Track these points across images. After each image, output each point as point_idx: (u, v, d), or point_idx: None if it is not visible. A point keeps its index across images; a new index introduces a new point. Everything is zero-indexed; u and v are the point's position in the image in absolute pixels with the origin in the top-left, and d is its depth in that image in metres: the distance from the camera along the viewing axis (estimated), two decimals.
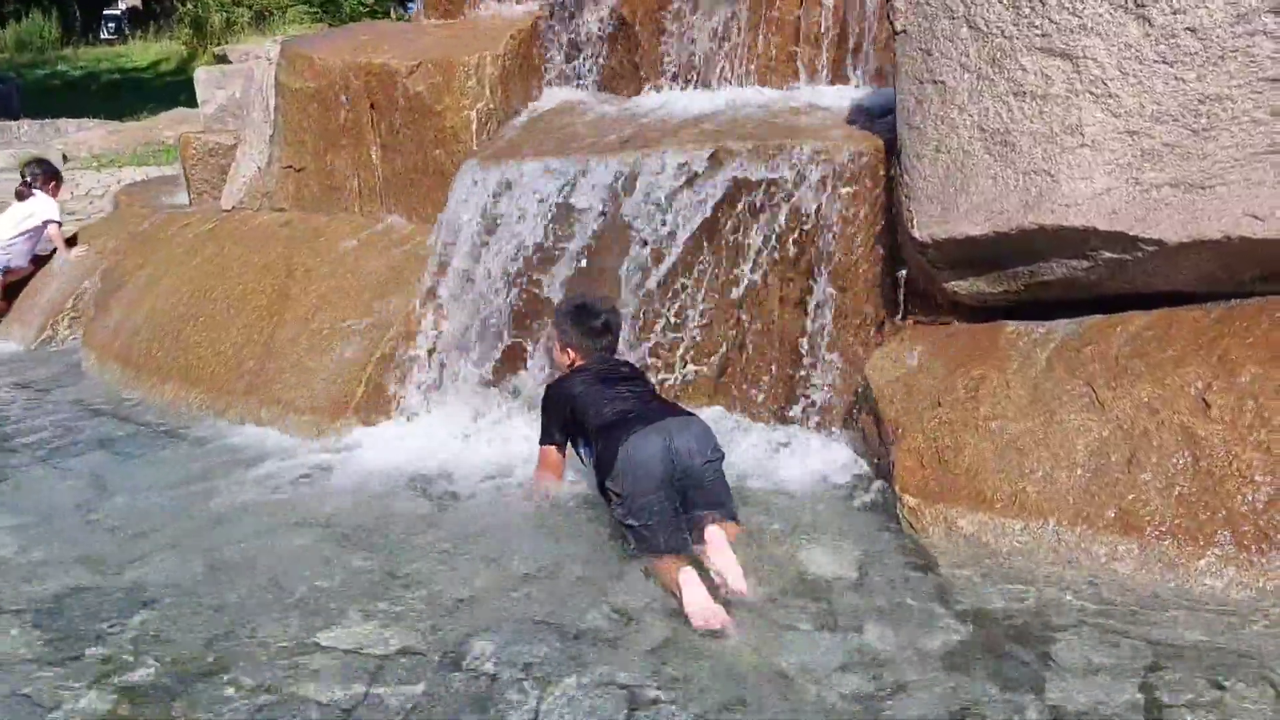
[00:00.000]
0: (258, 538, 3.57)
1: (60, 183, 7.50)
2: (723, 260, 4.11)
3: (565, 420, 3.61)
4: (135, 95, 17.86)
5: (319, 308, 4.79)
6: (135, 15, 28.14)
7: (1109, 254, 3.33)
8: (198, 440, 4.51)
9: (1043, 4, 3.25)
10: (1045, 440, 3.27)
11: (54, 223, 7.10)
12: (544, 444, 3.71)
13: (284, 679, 2.72)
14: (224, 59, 9.35)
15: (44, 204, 7.10)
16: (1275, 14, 2.95)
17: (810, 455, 3.92)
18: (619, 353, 3.93)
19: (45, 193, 7.15)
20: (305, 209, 5.51)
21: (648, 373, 4.14)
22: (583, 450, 3.59)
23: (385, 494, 3.88)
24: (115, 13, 28.54)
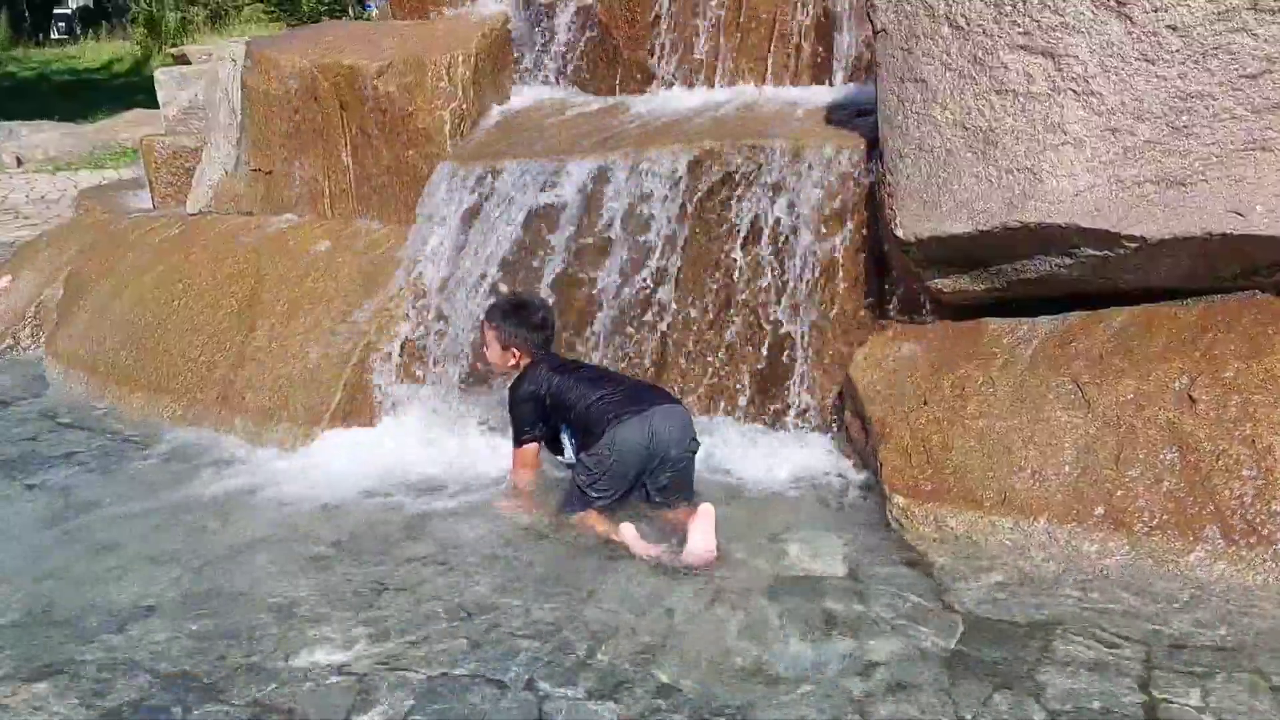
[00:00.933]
0: (235, 550, 3.49)
1: None
2: (705, 259, 4.09)
3: (543, 412, 3.68)
4: (89, 97, 17.50)
5: (292, 313, 4.70)
6: (86, 15, 27.66)
7: (1091, 251, 3.34)
8: (169, 450, 4.39)
9: (1024, 2, 3.25)
10: (1033, 437, 3.28)
11: None
12: (520, 444, 3.77)
13: (270, 695, 2.66)
14: (184, 59, 9.17)
15: None
16: (1256, 11, 2.98)
17: (795, 455, 3.90)
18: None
19: None
20: (275, 212, 5.41)
21: (630, 373, 4.13)
22: (564, 434, 3.66)
23: (365, 501, 3.81)
24: (65, 12, 28.04)
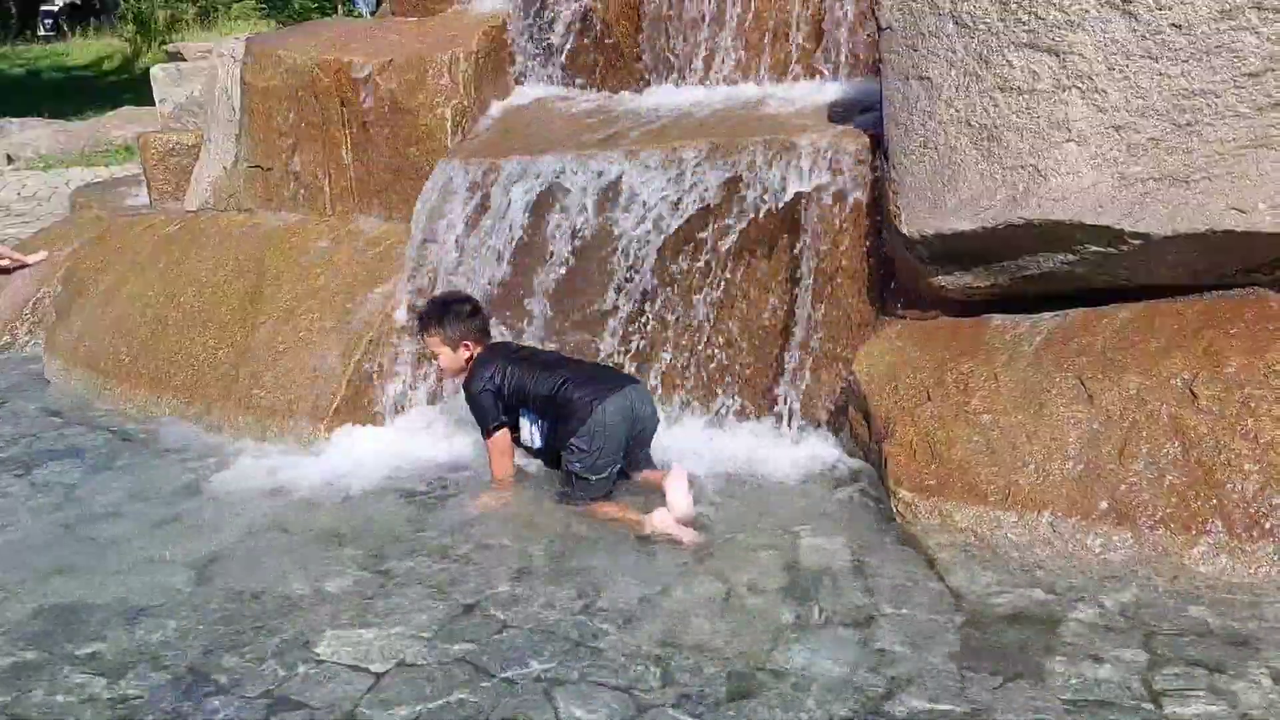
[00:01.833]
0: (240, 545, 3.50)
1: None
2: (709, 256, 4.09)
3: (504, 402, 3.78)
4: (79, 94, 17.43)
5: (294, 310, 4.69)
6: (74, 12, 27.48)
7: (1095, 248, 3.37)
8: (173, 447, 4.39)
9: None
10: (1036, 433, 3.30)
11: None
12: (492, 433, 3.82)
13: (282, 688, 2.67)
14: (178, 56, 9.15)
15: None
16: (1259, 9, 3.01)
17: (799, 451, 3.92)
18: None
19: None
20: (274, 209, 5.40)
21: (628, 369, 4.17)
22: (525, 420, 3.78)
23: (369, 497, 3.82)
24: (53, 9, 27.86)
